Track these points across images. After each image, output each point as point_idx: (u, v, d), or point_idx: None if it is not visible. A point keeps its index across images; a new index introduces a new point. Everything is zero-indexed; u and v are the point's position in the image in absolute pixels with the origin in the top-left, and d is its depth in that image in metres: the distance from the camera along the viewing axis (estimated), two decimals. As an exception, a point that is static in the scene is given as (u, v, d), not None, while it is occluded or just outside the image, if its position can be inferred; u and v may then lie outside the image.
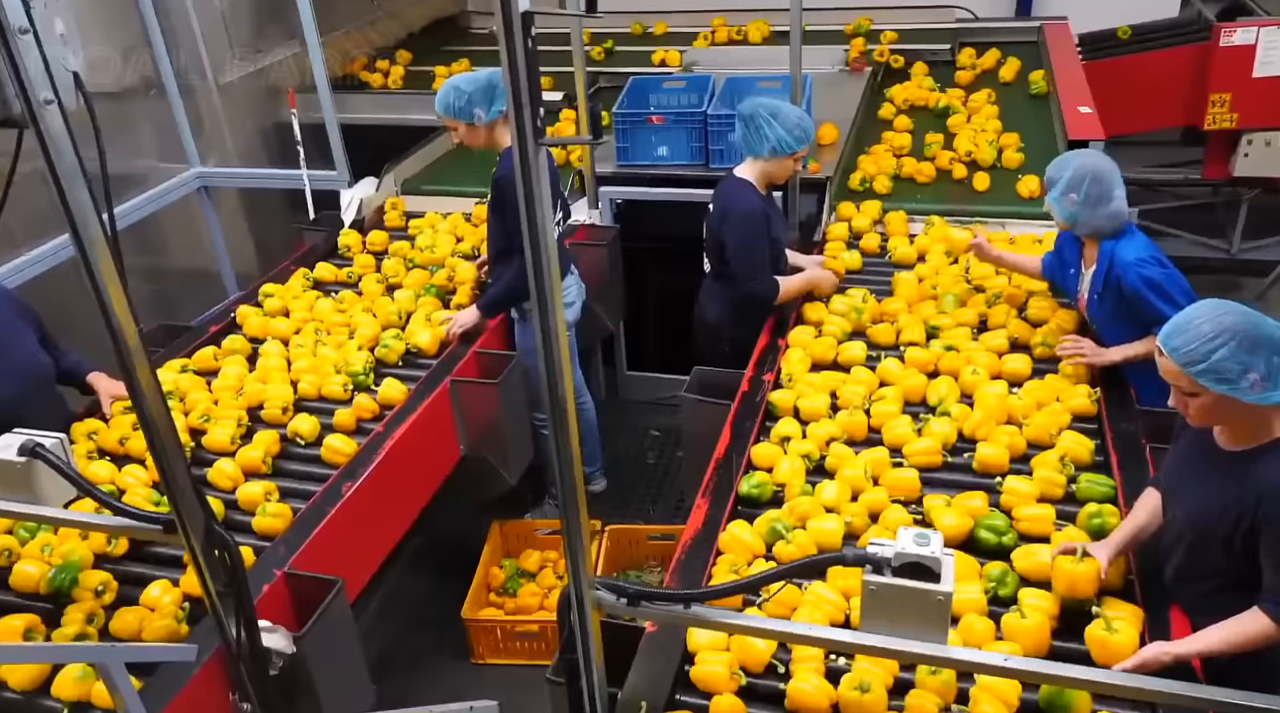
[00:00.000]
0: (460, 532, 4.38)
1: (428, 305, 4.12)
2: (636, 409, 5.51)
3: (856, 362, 3.47)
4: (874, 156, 4.88)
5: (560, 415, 1.79)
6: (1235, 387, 2.02)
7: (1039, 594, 2.41)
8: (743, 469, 2.99)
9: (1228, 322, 2.04)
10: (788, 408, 3.25)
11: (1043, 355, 3.38)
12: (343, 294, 4.27)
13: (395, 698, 3.46)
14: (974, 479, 2.91)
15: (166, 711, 2.34)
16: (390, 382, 3.61)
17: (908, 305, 3.75)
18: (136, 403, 2.06)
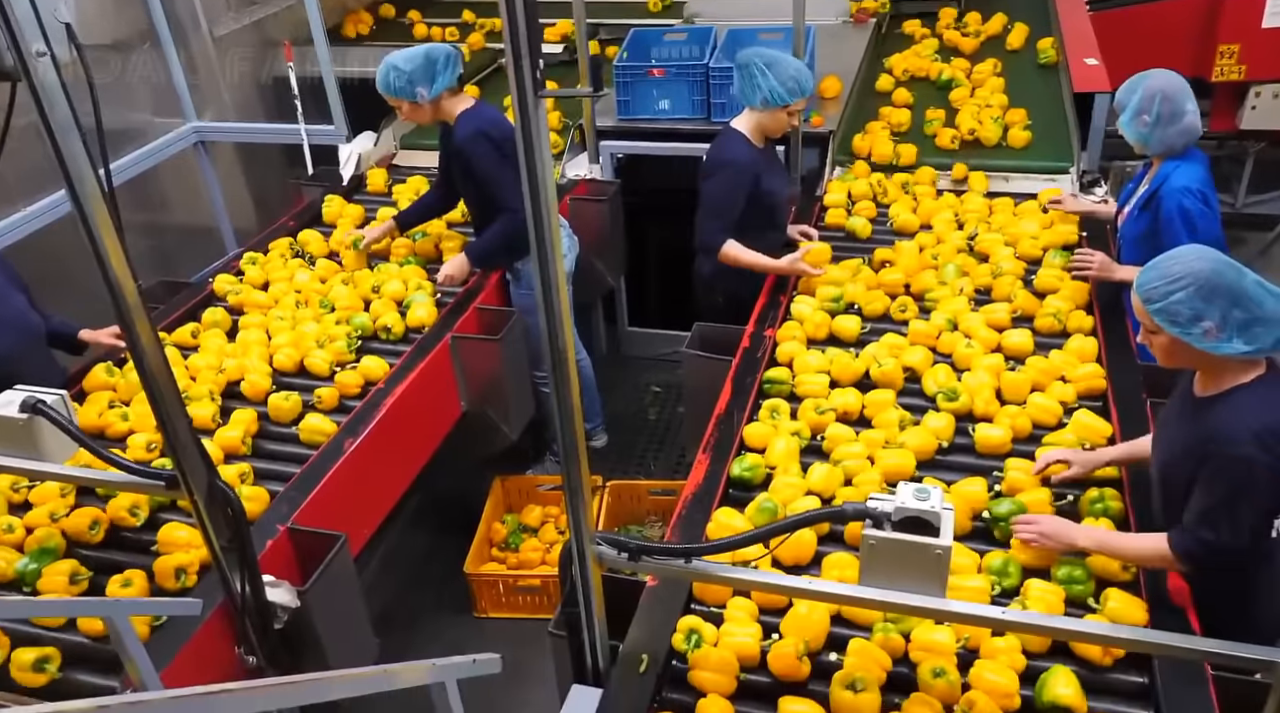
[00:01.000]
0: (462, 488, 4.40)
1: (412, 276, 3.97)
2: (638, 365, 5.51)
3: (850, 337, 3.36)
4: (870, 136, 4.57)
5: (560, 369, 1.79)
6: (1187, 332, 2.07)
7: (1044, 587, 2.30)
8: (743, 423, 2.99)
9: (1194, 267, 2.06)
10: (784, 386, 3.15)
11: (1049, 329, 3.28)
12: (323, 264, 4.11)
13: (398, 651, 3.50)
14: (975, 461, 2.82)
15: (173, 664, 2.37)
16: (370, 359, 3.49)
17: (907, 276, 3.62)
18: (137, 358, 2.06)
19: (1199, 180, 3.11)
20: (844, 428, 2.91)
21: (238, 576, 2.43)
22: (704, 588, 2.45)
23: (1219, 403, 2.14)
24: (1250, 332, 2.03)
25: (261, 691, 1.56)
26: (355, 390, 3.39)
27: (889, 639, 2.25)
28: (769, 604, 2.39)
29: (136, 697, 1.17)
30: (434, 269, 4.06)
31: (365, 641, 3.04)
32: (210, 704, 1.35)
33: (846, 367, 3.13)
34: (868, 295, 3.52)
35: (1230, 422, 2.08)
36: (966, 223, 3.92)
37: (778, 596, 2.37)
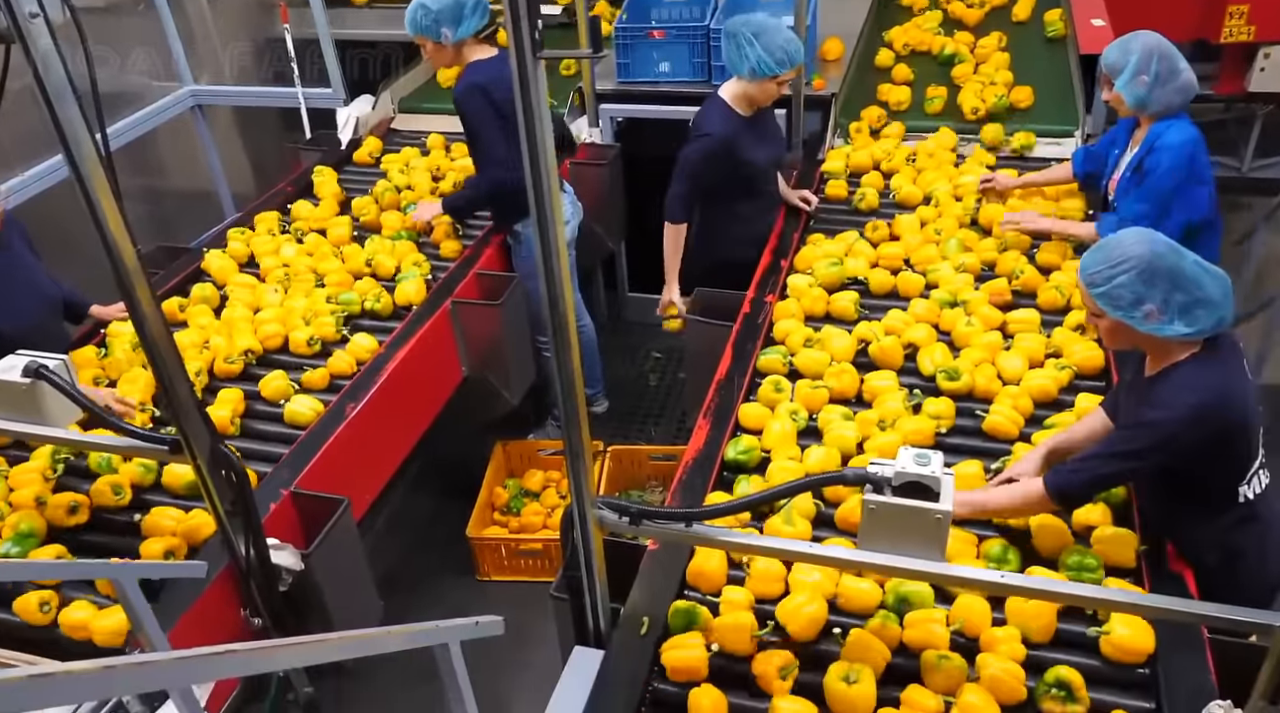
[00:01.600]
0: (464, 453, 4.42)
1: (406, 252, 3.91)
2: (638, 331, 5.51)
3: (847, 315, 3.29)
4: (868, 120, 4.46)
5: (561, 335, 1.78)
6: (1129, 315, 2.09)
7: (1045, 574, 2.23)
8: (743, 389, 3.00)
9: (1135, 251, 2.08)
10: (780, 365, 3.07)
11: (1051, 305, 3.21)
12: (311, 238, 4.04)
13: (402, 613, 3.53)
14: (977, 443, 2.76)
15: (179, 625, 2.39)
16: (361, 336, 3.43)
17: (907, 251, 3.55)
18: (137, 323, 2.06)
19: (1191, 141, 3.09)
20: (841, 410, 2.83)
21: (242, 539, 2.44)
22: (698, 574, 2.37)
23: (1159, 381, 2.17)
24: (1191, 314, 2.06)
25: (267, 652, 1.58)
26: (346, 371, 3.32)
27: (886, 628, 2.18)
28: (764, 594, 2.31)
29: (144, 657, 1.18)
30: (426, 244, 4.03)
31: (369, 603, 3.07)
32: (216, 664, 1.36)
33: (845, 345, 3.07)
34: (868, 270, 3.45)
35: (1167, 399, 2.11)
36: (966, 196, 3.81)
37: (771, 586, 2.31)
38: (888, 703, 2.03)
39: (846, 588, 2.26)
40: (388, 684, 3.51)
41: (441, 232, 4.05)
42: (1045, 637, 2.15)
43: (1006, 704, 2.02)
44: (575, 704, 2.08)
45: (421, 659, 2.19)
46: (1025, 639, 2.14)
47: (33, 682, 0.97)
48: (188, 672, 1.31)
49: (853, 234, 3.69)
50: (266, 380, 3.21)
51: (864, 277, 3.43)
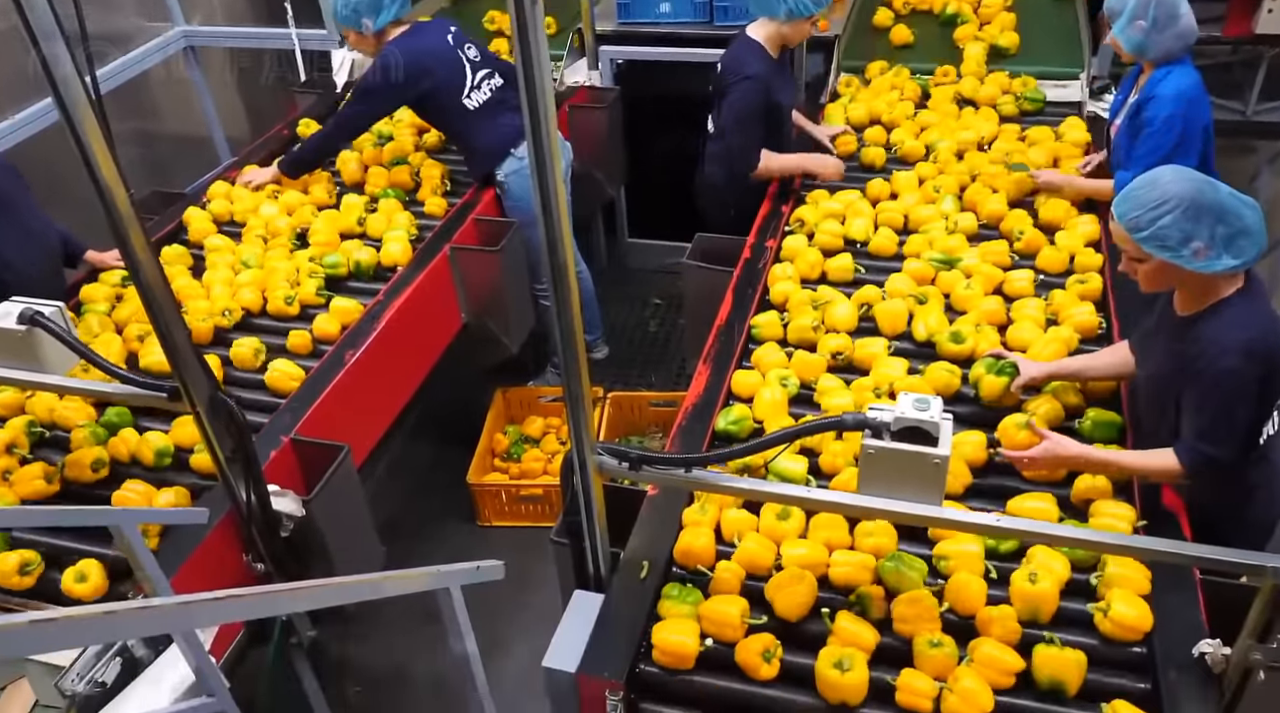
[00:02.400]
0: (464, 399, 4.43)
1: (393, 211, 3.79)
2: (638, 277, 5.49)
3: (844, 278, 3.20)
4: (870, 91, 4.27)
5: (560, 281, 1.77)
6: (1177, 255, 2.06)
7: (1049, 554, 2.18)
8: (743, 336, 2.99)
9: (1174, 189, 2.05)
10: (775, 332, 2.98)
11: (1052, 267, 3.11)
12: (293, 196, 3.89)
13: (403, 559, 3.56)
14: (978, 411, 2.66)
15: (183, 570, 2.41)
16: (340, 301, 3.33)
17: (905, 213, 3.43)
18: (132, 269, 2.05)
19: (1192, 88, 3.02)
20: (836, 379, 2.76)
21: (242, 485, 2.45)
22: (685, 553, 2.31)
23: (1205, 320, 2.15)
24: (1236, 246, 2.05)
25: (270, 596, 1.59)
26: (331, 335, 3.22)
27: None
28: (754, 568, 2.25)
29: (145, 602, 1.19)
30: (412, 202, 3.93)
31: (371, 548, 3.09)
32: (219, 609, 1.38)
33: (847, 314, 2.97)
34: (868, 232, 3.36)
35: (1218, 337, 2.10)
36: (967, 153, 3.71)
37: (762, 558, 2.25)
38: (880, 688, 2.00)
39: (838, 565, 2.20)
40: (390, 627, 3.56)
41: (429, 188, 3.95)
42: (1047, 614, 2.09)
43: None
44: (576, 646, 2.11)
45: (424, 602, 2.22)
46: (1021, 619, 2.07)
47: (35, 627, 0.98)
48: (189, 616, 1.32)
49: (854, 193, 3.60)
50: (237, 347, 3.11)
51: (864, 238, 3.34)
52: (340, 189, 4.00)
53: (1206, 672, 1.94)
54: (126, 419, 2.87)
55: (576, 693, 2.08)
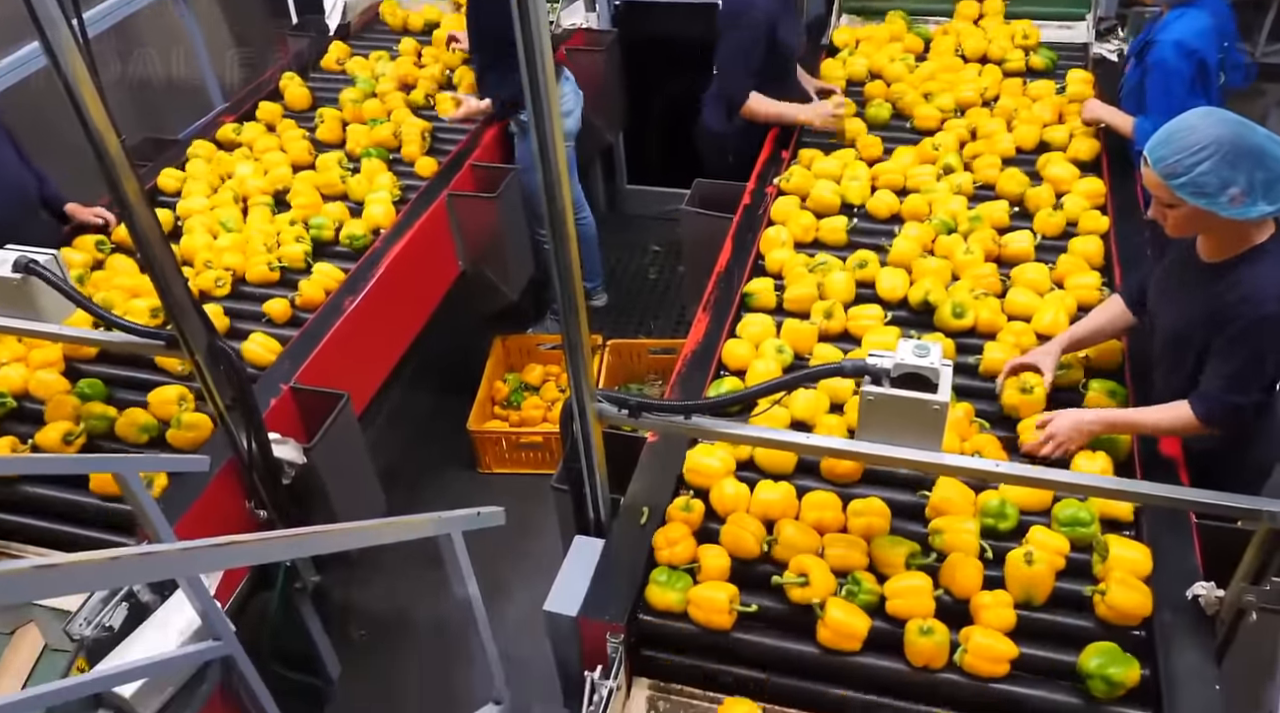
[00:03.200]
0: (463, 347, 4.42)
1: (376, 171, 3.67)
2: (637, 224, 5.45)
3: (838, 241, 3.11)
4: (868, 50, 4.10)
5: (559, 228, 1.76)
6: (1214, 201, 1.98)
7: (1047, 534, 2.13)
8: (743, 281, 2.97)
9: (1215, 133, 1.97)
10: (768, 299, 2.89)
11: (1051, 230, 3.03)
12: (273, 155, 3.76)
13: (405, 505, 3.58)
14: (975, 383, 2.60)
15: (185, 518, 2.43)
16: (322, 268, 3.22)
17: (904, 174, 3.31)
18: (126, 217, 2.03)
19: (1197, 34, 2.96)
20: (832, 348, 2.69)
21: (243, 433, 2.46)
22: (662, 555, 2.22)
23: (1239, 267, 2.10)
24: (1274, 191, 1.97)
25: (273, 542, 1.60)
26: (315, 303, 3.11)
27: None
28: (740, 552, 2.20)
29: (149, 548, 1.19)
30: (397, 161, 3.81)
31: (372, 495, 3.11)
32: (222, 555, 1.39)
33: (844, 283, 2.86)
34: (864, 193, 3.25)
35: (1256, 285, 2.05)
36: (969, 109, 3.61)
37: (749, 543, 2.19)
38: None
39: (833, 552, 2.15)
40: (393, 572, 3.60)
41: (415, 147, 3.81)
42: (1043, 595, 2.05)
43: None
44: (577, 590, 2.13)
45: (426, 548, 2.24)
46: (1016, 603, 2.03)
47: (39, 572, 0.98)
48: (192, 562, 1.33)
49: (850, 153, 3.49)
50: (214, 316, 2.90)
51: (860, 201, 3.24)
52: (318, 148, 3.86)
53: (1200, 614, 1.96)
54: (100, 391, 2.79)
55: (578, 636, 2.11)
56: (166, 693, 2.27)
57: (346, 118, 3.99)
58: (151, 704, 2.23)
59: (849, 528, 2.21)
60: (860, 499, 2.24)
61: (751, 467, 2.42)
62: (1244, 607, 1.88)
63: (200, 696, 2.32)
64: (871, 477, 2.37)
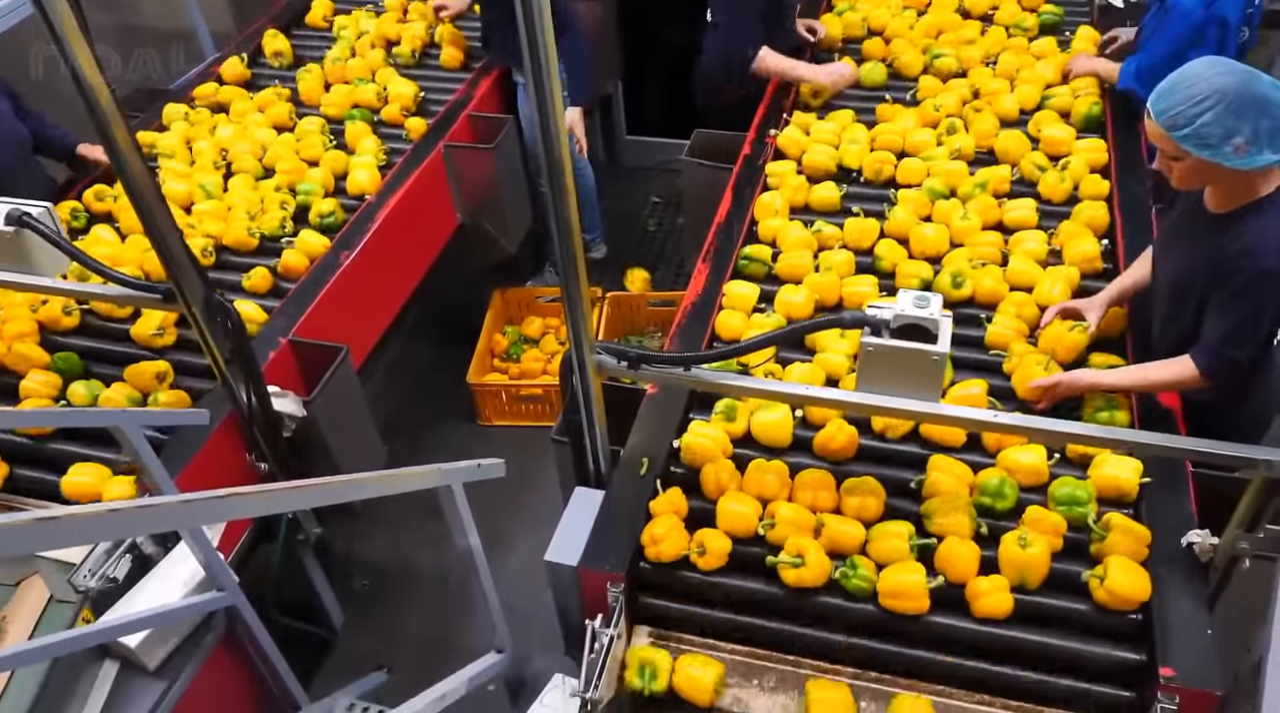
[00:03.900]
0: (463, 300, 4.41)
1: (358, 134, 3.54)
2: (636, 175, 5.41)
3: (830, 207, 3.01)
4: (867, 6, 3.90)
5: (557, 179, 1.74)
6: (1218, 152, 1.96)
7: (1042, 513, 2.07)
8: (742, 236, 2.95)
9: (1219, 82, 1.94)
10: (761, 266, 2.81)
11: (1053, 195, 2.92)
12: (253, 117, 3.65)
13: (405, 458, 3.60)
14: (976, 356, 2.52)
15: (187, 471, 2.44)
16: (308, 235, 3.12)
17: (903, 137, 3.19)
18: (119, 169, 2.01)
19: None
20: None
21: (242, 386, 2.46)
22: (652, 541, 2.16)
23: (1245, 219, 2.08)
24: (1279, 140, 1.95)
25: (273, 494, 1.61)
26: (298, 272, 3.03)
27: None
28: (736, 532, 2.15)
29: (149, 500, 1.20)
30: (380, 123, 3.70)
31: (373, 448, 3.13)
32: (223, 507, 1.39)
33: (843, 259, 2.76)
34: (862, 157, 3.13)
35: (1258, 237, 2.03)
36: (970, 69, 3.48)
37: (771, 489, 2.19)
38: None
39: (833, 530, 2.10)
40: (394, 523, 3.63)
41: (398, 108, 3.69)
42: (1037, 582, 2.01)
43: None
44: (577, 540, 2.14)
45: (427, 500, 2.25)
46: (1018, 585, 2.00)
47: (40, 524, 0.99)
48: (192, 514, 1.34)
49: (847, 114, 3.37)
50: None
51: (857, 165, 3.12)
52: (299, 109, 3.76)
53: (1194, 561, 1.98)
54: (75, 365, 2.73)
55: (578, 586, 2.13)
56: (172, 643, 2.30)
57: (329, 78, 3.88)
58: (157, 654, 2.27)
59: (842, 507, 2.16)
60: (854, 478, 2.18)
61: (747, 442, 2.36)
62: (1237, 554, 1.90)
63: (205, 645, 2.35)
64: (866, 454, 2.31)
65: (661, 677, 2.01)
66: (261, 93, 3.81)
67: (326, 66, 3.91)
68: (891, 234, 2.87)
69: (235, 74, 3.95)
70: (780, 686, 2.06)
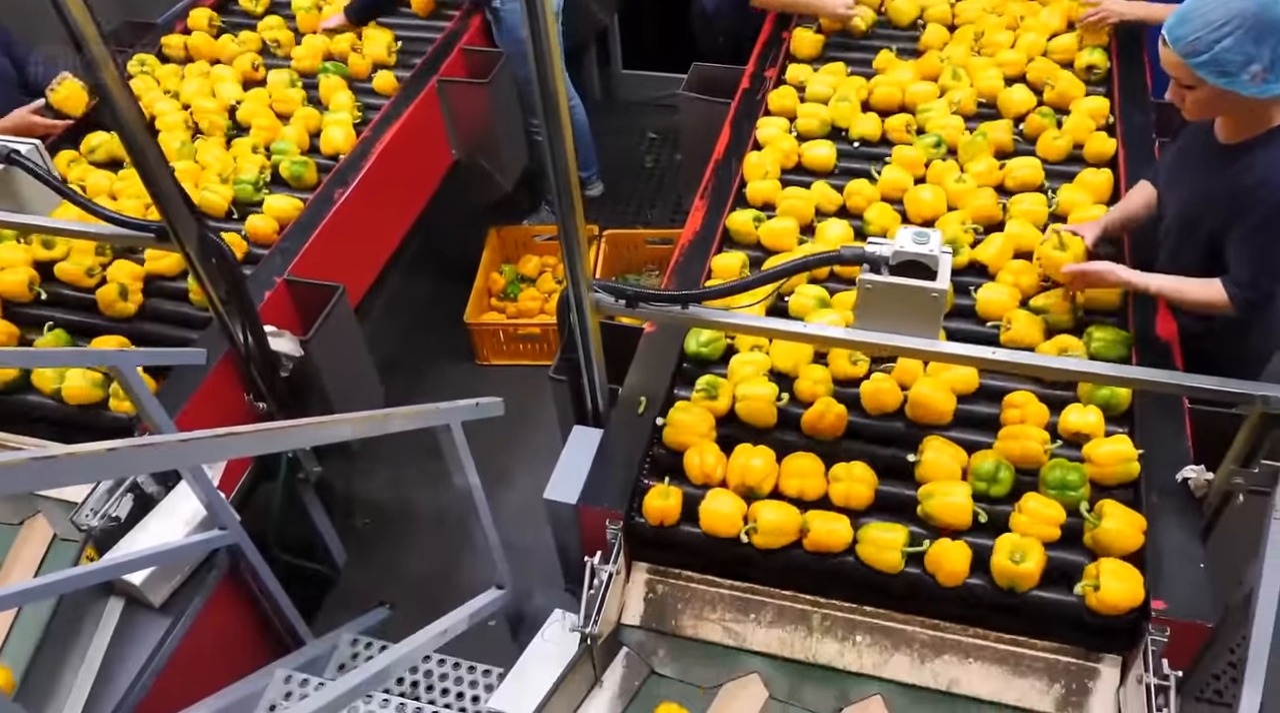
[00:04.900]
0: (459, 239, 4.38)
1: (334, 89, 3.38)
2: (633, 110, 5.33)
3: (824, 168, 2.87)
4: None
5: (552, 116, 1.71)
6: (1235, 80, 1.93)
7: (1039, 500, 1.99)
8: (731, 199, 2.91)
9: (1236, 7, 1.89)
10: (749, 233, 2.68)
11: (1059, 154, 2.78)
12: (218, 69, 3.48)
13: (404, 396, 3.63)
14: (969, 328, 2.41)
15: (185, 410, 2.44)
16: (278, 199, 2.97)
17: (902, 90, 3.01)
18: (107, 105, 1.97)
19: None
20: (815, 290, 2.45)
21: (239, 326, 2.45)
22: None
23: (1254, 149, 2.05)
24: None
25: (271, 433, 1.61)
26: (269, 237, 2.89)
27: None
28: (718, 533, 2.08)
29: (147, 439, 1.20)
30: (356, 79, 3.52)
31: (371, 387, 3.13)
32: (221, 445, 1.39)
33: (841, 234, 2.60)
34: (856, 113, 2.96)
35: (1274, 168, 2.00)
36: (970, 21, 3.28)
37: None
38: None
39: (818, 533, 2.02)
40: (394, 462, 3.65)
41: (372, 58, 3.54)
42: (1026, 589, 1.93)
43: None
44: (576, 478, 2.16)
45: (426, 439, 2.26)
46: (1008, 589, 1.95)
47: (37, 464, 0.99)
48: (190, 452, 1.34)
49: (840, 67, 3.21)
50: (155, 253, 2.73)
51: (852, 123, 2.95)
52: (269, 63, 3.58)
53: (1188, 496, 2.00)
54: (64, 339, 2.61)
55: (577, 523, 2.15)
56: (176, 580, 2.33)
57: (300, 28, 3.72)
58: (162, 591, 2.30)
59: (830, 495, 2.08)
60: (842, 464, 2.09)
61: (732, 421, 2.26)
62: (1232, 489, 1.92)
63: (209, 583, 2.38)
64: (856, 431, 2.21)
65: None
66: (230, 42, 3.63)
67: (299, 18, 3.74)
68: (884, 196, 2.72)
69: (203, 24, 3.73)
70: (779, 620, 2.09)
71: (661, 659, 2.07)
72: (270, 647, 2.74)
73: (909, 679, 1.99)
